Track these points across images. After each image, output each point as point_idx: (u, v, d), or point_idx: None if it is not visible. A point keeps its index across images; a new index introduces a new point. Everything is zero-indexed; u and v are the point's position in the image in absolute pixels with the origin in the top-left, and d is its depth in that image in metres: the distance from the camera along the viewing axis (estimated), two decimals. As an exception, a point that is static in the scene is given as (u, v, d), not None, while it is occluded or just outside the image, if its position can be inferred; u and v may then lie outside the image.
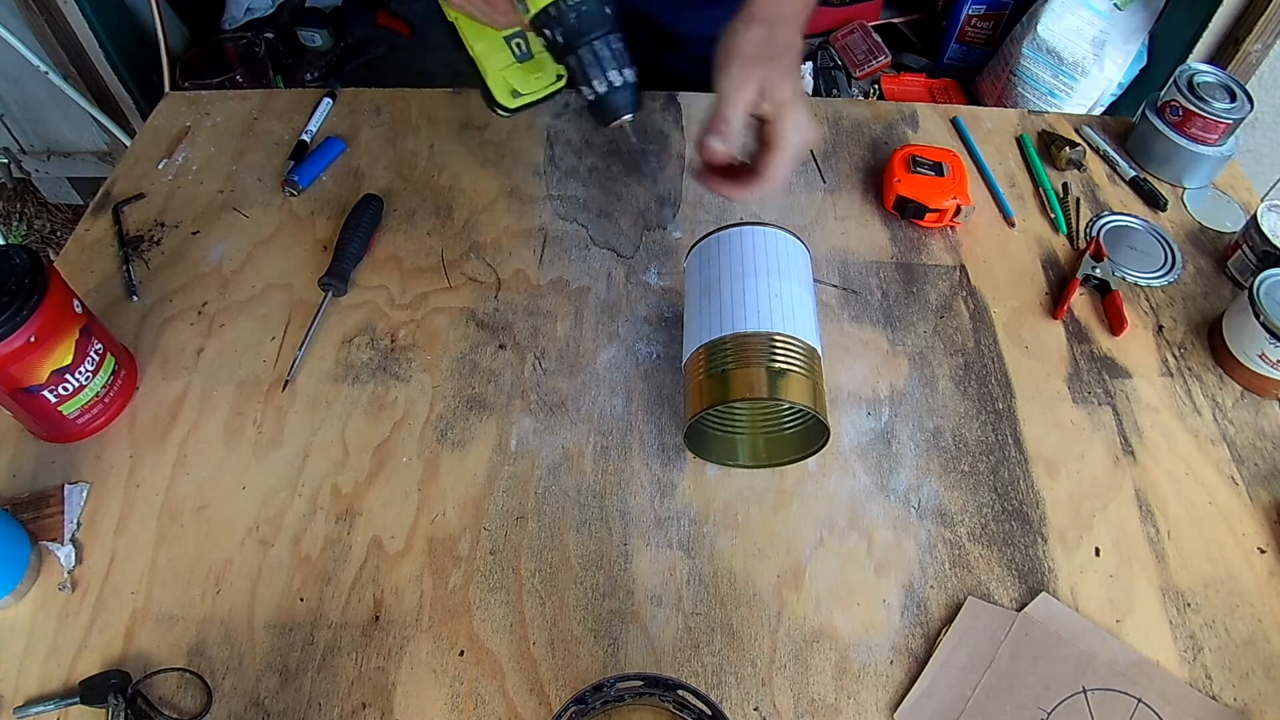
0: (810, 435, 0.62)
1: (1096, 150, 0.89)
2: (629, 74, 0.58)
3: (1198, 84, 0.83)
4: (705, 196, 0.83)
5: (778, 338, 0.57)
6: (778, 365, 0.56)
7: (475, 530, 0.61)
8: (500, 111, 0.67)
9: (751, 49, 0.61)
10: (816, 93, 1.82)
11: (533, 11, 0.55)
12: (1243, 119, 0.81)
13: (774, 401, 0.56)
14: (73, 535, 0.60)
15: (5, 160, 1.96)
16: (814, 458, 0.64)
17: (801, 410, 0.57)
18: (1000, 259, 0.79)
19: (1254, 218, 0.75)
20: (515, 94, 0.66)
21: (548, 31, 0.56)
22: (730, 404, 0.59)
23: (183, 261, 0.78)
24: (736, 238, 0.64)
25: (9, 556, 0.57)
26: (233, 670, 0.55)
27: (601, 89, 0.58)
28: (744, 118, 0.61)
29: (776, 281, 0.61)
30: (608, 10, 0.56)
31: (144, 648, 0.56)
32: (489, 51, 0.65)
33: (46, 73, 1.64)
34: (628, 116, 0.61)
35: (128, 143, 1.76)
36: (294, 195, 0.83)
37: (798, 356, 0.57)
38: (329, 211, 0.82)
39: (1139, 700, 0.54)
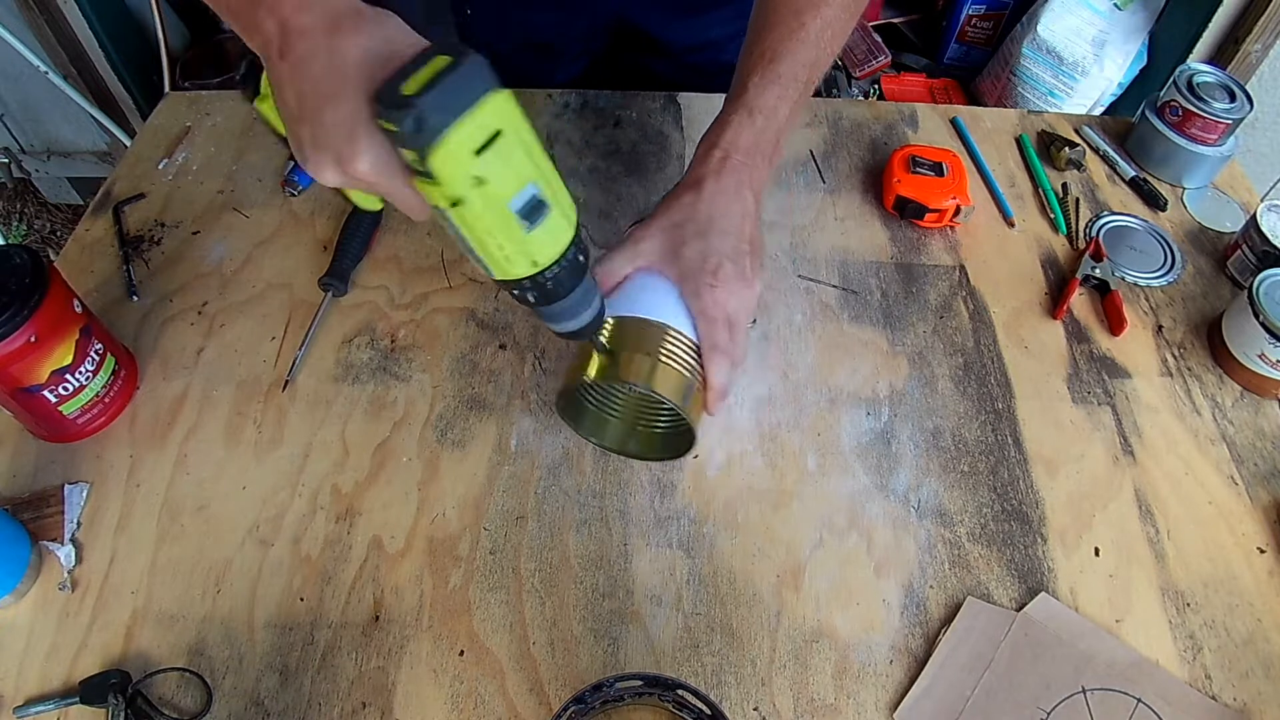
0: (679, 440, 0.61)
1: (1096, 150, 0.89)
2: (590, 312, 0.51)
3: (1197, 84, 0.83)
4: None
5: (671, 333, 0.56)
6: (664, 359, 0.55)
7: (475, 530, 0.61)
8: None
9: (689, 220, 0.57)
10: (816, 93, 1.82)
11: (501, 279, 0.47)
12: (1242, 119, 0.82)
13: (652, 394, 0.55)
14: (73, 535, 0.60)
15: (5, 160, 1.96)
16: (813, 457, 0.64)
17: (675, 410, 0.56)
18: (1000, 259, 0.79)
19: (1254, 218, 0.75)
20: None
21: (516, 293, 0.48)
22: (610, 383, 0.58)
23: (183, 261, 0.78)
24: None
25: (9, 556, 0.57)
26: (233, 670, 0.55)
27: (563, 330, 0.52)
28: (620, 275, 0.58)
29: None
30: (582, 259, 0.48)
31: (144, 647, 0.56)
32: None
33: (46, 73, 1.64)
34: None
35: (128, 143, 1.76)
36: (294, 195, 0.83)
37: (687, 357, 0.56)
38: (329, 211, 0.82)
39: (1139, 700, 0.54)
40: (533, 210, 0.43)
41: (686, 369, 0.56)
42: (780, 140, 0.62)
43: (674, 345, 0.56)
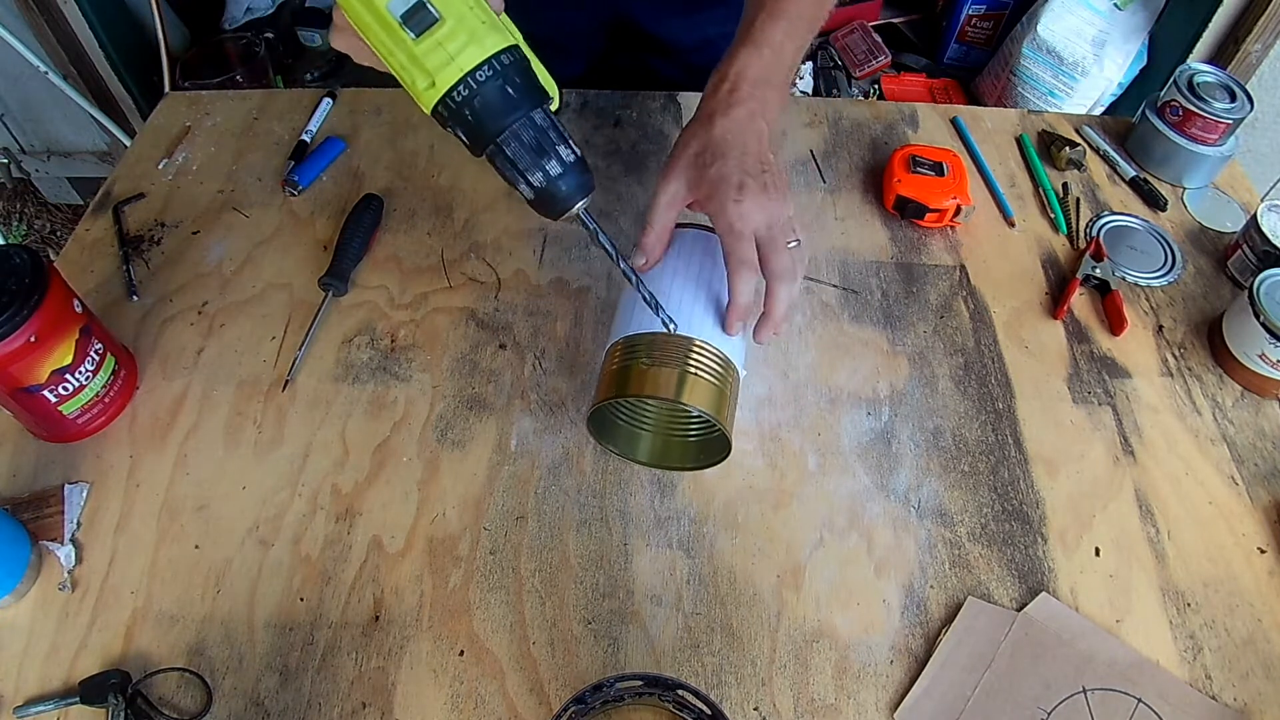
0: (712, 446, 0.62)
1: (1096, 150, 0.89)
2: (554, 165, 0.48)
3: (1198, 84, 0.83)
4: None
5: (697, 344, 0.57)
6: (691, 371, 0.55)
7: (475, 530, 0.61)
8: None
9: (705, 148, 0.56)
10: (816, 92, 1.82)
11: (428, 108, 0.46)
12: (1243, 119, 0.81)
13: (680, 405, 0.55)
14: (73, 535, 0.60)
15: (5, 160, 1.96)
16: (813, 457, 0.64)
17: (706, 419, 0.56)
18: (1000, 259, 0.79)
19: (1254, 218, 0.75)
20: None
21: (450, 128, 0.47)
22: (639, 399, 0.58)
23: (183, 261, 0.78)
24: (688, 239, 0.63)
25: (9, 556, 0.57)
26: (233, 670, 0.55)
27: (528, 194, 0.49)
28: (669, 228, 0.58)
29: (712, 290, 0.60)
30: (512, 91, 0.46)
31: (144, 647, 0.56)
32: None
33: (46, 73, 1.64)
34: (578, 206, 0.51)
35: (128, 143, 1.76)
36: (294, 195, 0.83)
37: (713, 366, 0.56)
38: (329, 211, 0.82)
39: (1139, 700, 0.54)
40: (415, 15, 0.43)
41: (715, 378, 0.56)
42: (789, 76, 0.61)
43: (700, 357, 0.56)
